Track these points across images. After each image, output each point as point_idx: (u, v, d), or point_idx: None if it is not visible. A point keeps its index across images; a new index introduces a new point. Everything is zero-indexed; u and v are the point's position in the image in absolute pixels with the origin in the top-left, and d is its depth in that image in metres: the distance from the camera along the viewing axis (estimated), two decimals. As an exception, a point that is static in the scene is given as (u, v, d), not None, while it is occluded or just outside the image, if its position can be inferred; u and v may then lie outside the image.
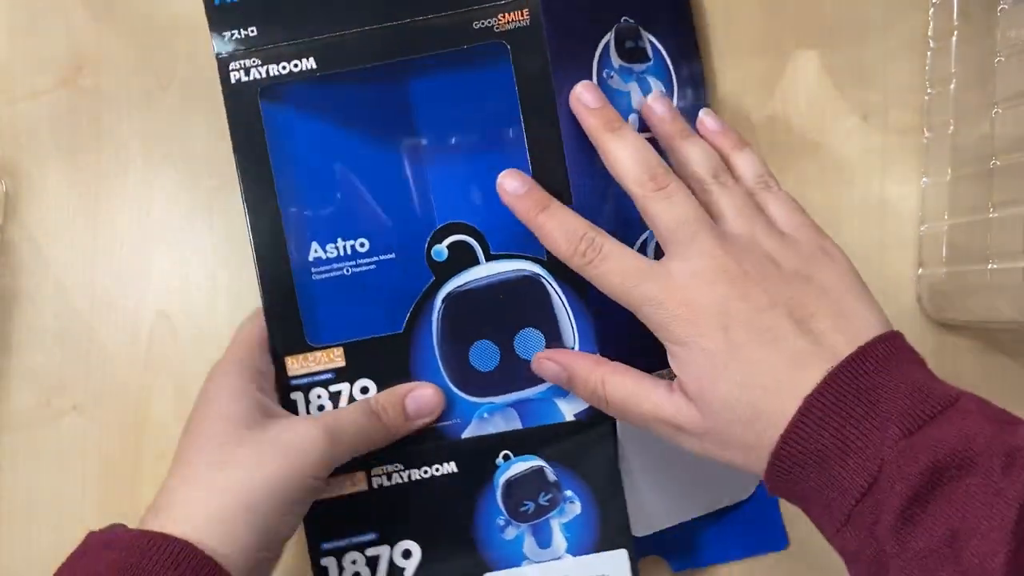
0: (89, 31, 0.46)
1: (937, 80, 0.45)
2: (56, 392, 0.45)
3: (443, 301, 0.41)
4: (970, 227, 0.42)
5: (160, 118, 0.46)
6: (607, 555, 0.41)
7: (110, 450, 0.45)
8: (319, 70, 0.39)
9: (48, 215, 0.46)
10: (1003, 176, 0.40)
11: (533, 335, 0.41)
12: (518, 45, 0.39)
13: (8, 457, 0.45)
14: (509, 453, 0.41)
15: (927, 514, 0.29)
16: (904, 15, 0.46)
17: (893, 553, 0.29)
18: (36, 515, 0.45)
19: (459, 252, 0.41)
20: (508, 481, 0.41)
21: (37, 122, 0.46)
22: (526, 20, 0.39)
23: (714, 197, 0.37)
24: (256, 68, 0.39)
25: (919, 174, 0.46)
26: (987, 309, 0.42)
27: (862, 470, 0.30)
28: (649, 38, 0.42)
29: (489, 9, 0.39)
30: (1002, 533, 0.27)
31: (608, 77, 0.41)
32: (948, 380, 0.45)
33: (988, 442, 0.29)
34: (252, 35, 0.39)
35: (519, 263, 0.40)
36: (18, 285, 0.46)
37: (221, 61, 0.39)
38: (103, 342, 0.45)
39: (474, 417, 0.41)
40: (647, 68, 0.42)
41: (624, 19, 0.41)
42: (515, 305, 0.40)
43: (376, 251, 0.41)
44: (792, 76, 0.46)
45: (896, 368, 0.32)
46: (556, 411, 0.41)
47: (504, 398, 0.41)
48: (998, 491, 0.28)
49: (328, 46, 0.39)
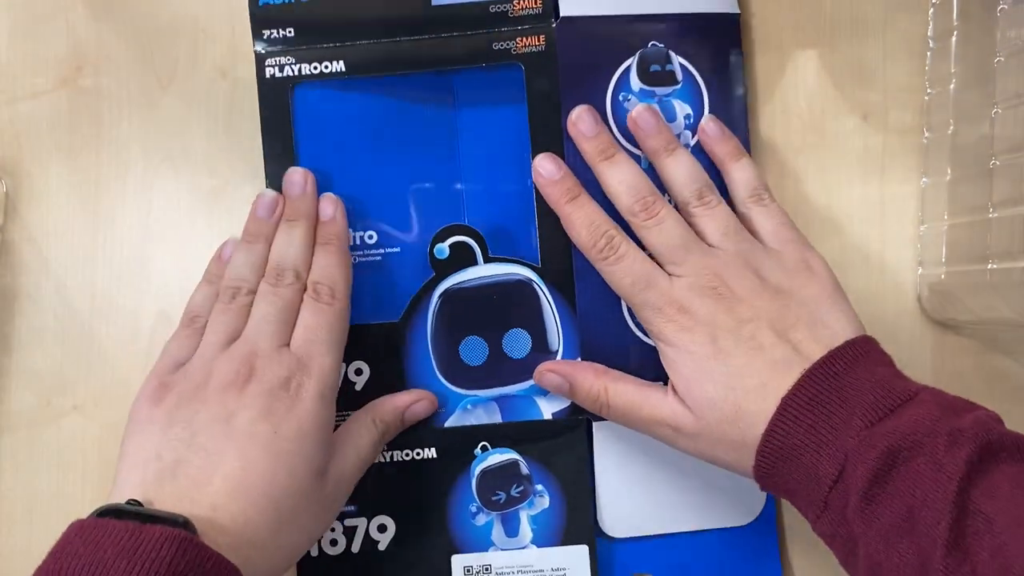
0: (89, 31, 0.46)
1: (937, 80, 0.45)
2: (56, 392, 0.45)
3: (440, 296, 0.43)
4: (970, 227, 0.42)
5: (160, 118, 0.46)
6: (570, 549, 0.43)
7: (110, 450, 0.45)
8: (347, 73, 0.43)
9: (48, 215, 0.46)
10: (1003, 176, 0.40)
11: (521, 335, 0.43)
12: (532, 67, 0.43)
13: (8, 457, 0.45)
14: (487, 444, 0.44)
15: (886, 494, 0.32)
16: (904, 15, 0.46)
17: (860, 532, 0.32)
18: (36, 515, 0.45)
19: (459, 252, 0.43)
20: (484, 471, 0.43)
21: (37, 122, 0.46)
22: (542, 45, 0.43)
23: (699, 220, 0.40)
24: (290, 66, 0.43)
25: (919, 174, 0.46)
26: (987, 309, 0.42)
27: (833, 460, 0.33)
28: (681, 62, 0.43)
29: (509, 33, 0.43)
30: (945, 504, 0.30)
31: (624, 100, 0.43)
32: (948, 380, 0.46)
33: (934, 425, 0.32)
34: (290, 36, 0.43)
35: (514, 267, 0.43)
36: (18, 285, 0.46)
37: (259, 57, 0.43)
38: (103, 342, 0.46)
39: (458, 408, 0.44)
40: (673, 91, 0.44)
41: (652, 44, 0.43)
42: (507, 306, 0.43)
43: (383, 244, 0.44)
44: (792, 76, 0.46)
45: (863, 368, 0.35)
46: (536, 409, 0.44)
47: (488, 392, 0.44)
48: (940, 467, 0.31)
49: (358, 53, 0.43)
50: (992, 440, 0.31)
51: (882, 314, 0.45)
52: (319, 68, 0.43)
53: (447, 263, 0.43)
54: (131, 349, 0.45)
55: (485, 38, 0.43)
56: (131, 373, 0.45)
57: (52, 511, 0.45)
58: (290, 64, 0.43)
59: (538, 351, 0.44)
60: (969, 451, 0.31)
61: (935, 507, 0.30)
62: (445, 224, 0.43)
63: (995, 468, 0.31)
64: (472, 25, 0.43)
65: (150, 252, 0.46)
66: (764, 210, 0.41)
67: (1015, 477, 0.31)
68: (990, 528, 0.29)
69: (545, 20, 0.43)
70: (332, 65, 0.43)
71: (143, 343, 0.45)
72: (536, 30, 0.43)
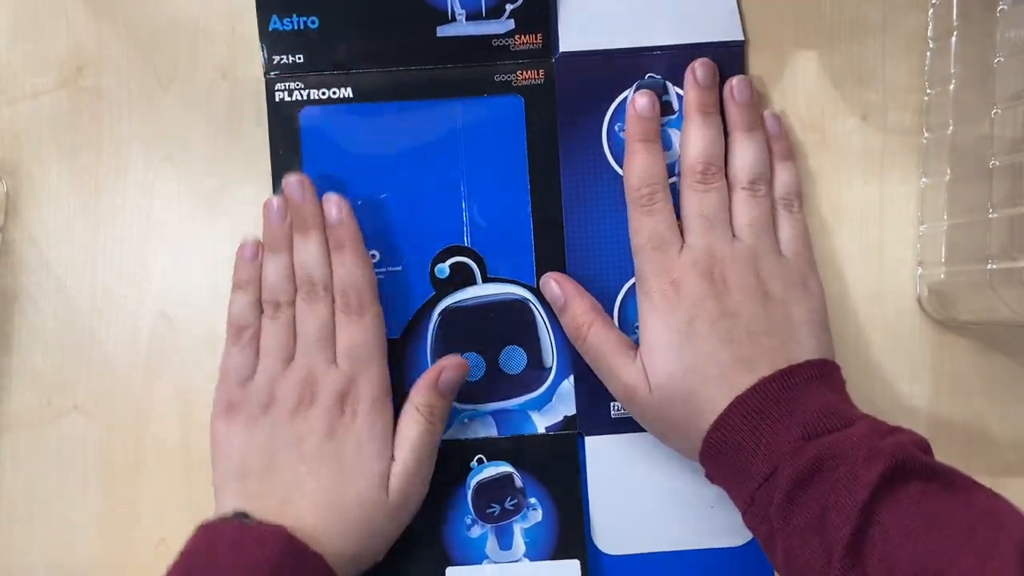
0: (89, 31, 0.46)
1: (936, 80, 0.45)
2: (56, 392, 0.45)
3: (440, 314, 0.45)
4: (970, 227, 0.42)
5: (160, 118, 0.46)
6: (561, 563, 0.44)
7: (110, 450, 0.45)
8: (355, 100, 0.45)
9: (48, 215, 0.46)
10: (1003, 176, 0.40)
11: (517, 352, 0.45)
12: (532, 100, 0.45)
13: (8, 457, 0.45)
14: (483, 457, 0.45)
15: (805, 496, 0.35)
16: (904, 15, 0.46)
17: (779, 528, 0.35)
18: (36, 515, 0.45)
19: (459, 272, 0.45)
20: (479, 483, 0.45)
21: (37, 122, 0.46)
22: (541, 79, 0.45)
23: (737, 202, 0.42)
24: (299, 91, 0.45)
25: (918, 174, 0.46)
26: (987, 309, 0.42)
27: (767, 462, 0.36)
28: (678, 91, 0.45)
29: (510, 66, 0.45)
30: (854, 509, 0.33)
31: (620, 130, 0.45)
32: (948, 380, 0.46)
33: (858, 442, 0.35)
34: (299, 62, 0.45)
35: (511, 287, 0.45)
36: (18, 285, 0.46)
37: (269, 82, 0.45)
38: (103, 342, 0.46)
39: (455, 421, 0.45)
40: (669, 120, 0.45)
41: (650, 76, 0.45)
42: (503, 324, 0.45)
43: (386, 263, 0.45)
44: (791, 76, 0.46)
45: (816, 389, 0.38)
46: (530, 423, 0.45)
47: (485, 407, 0.45)
48: (856, 478, 0.34)
49: (366, 81, 0.45)
50: (906, 460, 0.34)
51: (882, 314, 0.45)
52: (327, 94, 0.45)
53: (447, 283, 0.45)
54: (131, 349, 0.45)
55: (487, 70, 0.45)
56: (131, 373, 0.45)
57: (52, 511, 0.45)
58: (299, 89, 0.45)
59: (533, 367, 0.45)
60: (883, 467, 0.33)
61: (844, 512, 0.33)
62: (446, 245, 0.45)
63: (902, 486, 0.33)
64: (475, 58, 0.45)
65: (150, 252, 0.46)
66: (789, 217, 0.43)
67: (916, 495, 0.33)
68: (884, 536, 0.33)
69: (545, 56, 0.45)
70: (340, 91, 0.45)
71: (143, 343, 0.45)
72: (536, 64, 0.45)
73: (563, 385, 0.45)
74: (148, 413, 0.45)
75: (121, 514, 0.45)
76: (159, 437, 0.45)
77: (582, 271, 0.45)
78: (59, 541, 0.45)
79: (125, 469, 0.45)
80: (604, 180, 0.45)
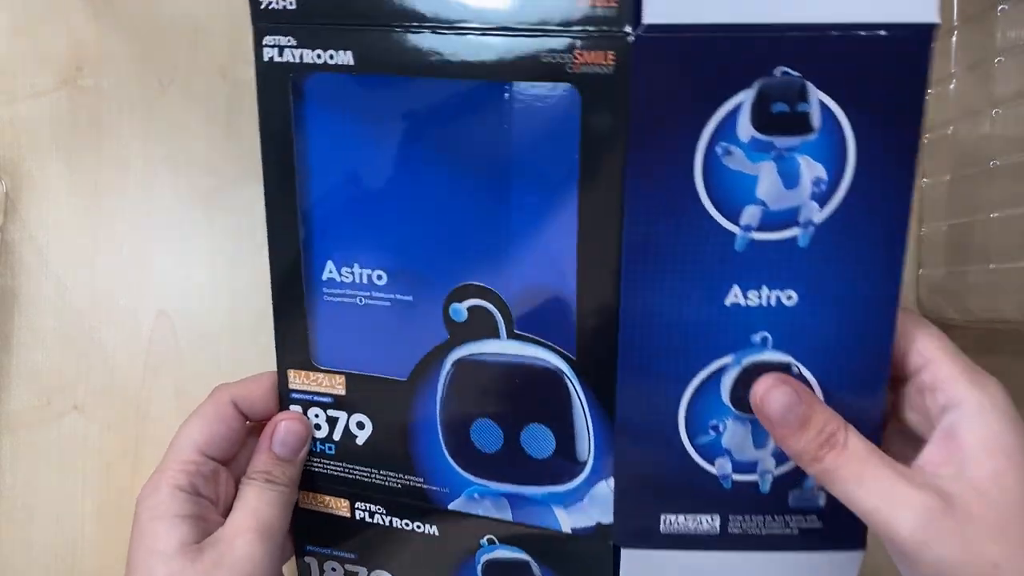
0: (89, 31, 0.46)
1: (937, 80, 0.45)
2: (56, 392, 0.45)
3: (453, 364, 0.36)
4: (970, 227, 0.42)
5: (160, 118, 0.46)
6: None
7: (110, 450, 0.45)
8: (356, 68, 0.33)
9: (48, 215, 0.46)
10: (1003, 176, 0.40)
11: (543, 433, 0.36)
12: (592, 94, 0.31)
13: (8, 457, 0.45)
14: (494, 538, 0.38)
15: None
16: (904, 15, 0.46)
17: None
18: (36, 515, 0.45)
19: (479, 318, 0.35)
20: (490, 562, 0.38)
21: (37, 122, 0.46)
22: (610, 67, 0.30)
23: None
24: (291, 49, 0.33)
25: (919, 174, 0.46)
26: (987, 309, 0.42)
27: None
28: (822, 99, 0.30)
29: (565, 39, 0.30)
30: None
31: (723, 153, 0.30)
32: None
33: None
34: (290, 8, 0.33)
35: (542, 351, 0.34)
36: (18, 285, 0.46)
37: (257, 31, 0.34)
38: (103, 342, 0.46)
39: (464, 493, 0.37)
40: (802, 143, 0.30)
41: (782, 71, 0.30)
42: (529, 395, 0.35)
43: (394, 289, 0.36)
44: (792, 76, 0.46)
45: None
46: (552, 519, 0.37)
47: (499, 486, 0.37)
48: None
49: (368, 41, 0.33)
50: None
51: (882, 314, 0.45)
52: (323, 57, 0.33)
53: (464, 328, 0.35)
54: (131, 349, 0.45)
55: (533, 42, 0.30)
56: (131, 373, 0.45)
57: (52, 511, 0.45)
58: (290, 46, 0.34)
59: (562, 456, 0.36)
60: None
61: None
62: (463, 281, 0.35)
63: None
64: (522, 24, 0.31)
65: (150, 252, 0.46)
66: None
67: None
68: None
69: (620, 29, 0.30)
70: (338, 55, 0.33)
71: (143, 343, 0.45)
72: (605, 42, 0.30)
73: (599, 486, 0.35)
74: (148, 413, 0.45)
75: (120, 514, 0.45)
76: (158, 437, 0.45)
77: (640, 349, 0.33)
78: (59, 540, 0.45)
79: (124, 469, 0.45)
80: (690, 225, 0.31)
